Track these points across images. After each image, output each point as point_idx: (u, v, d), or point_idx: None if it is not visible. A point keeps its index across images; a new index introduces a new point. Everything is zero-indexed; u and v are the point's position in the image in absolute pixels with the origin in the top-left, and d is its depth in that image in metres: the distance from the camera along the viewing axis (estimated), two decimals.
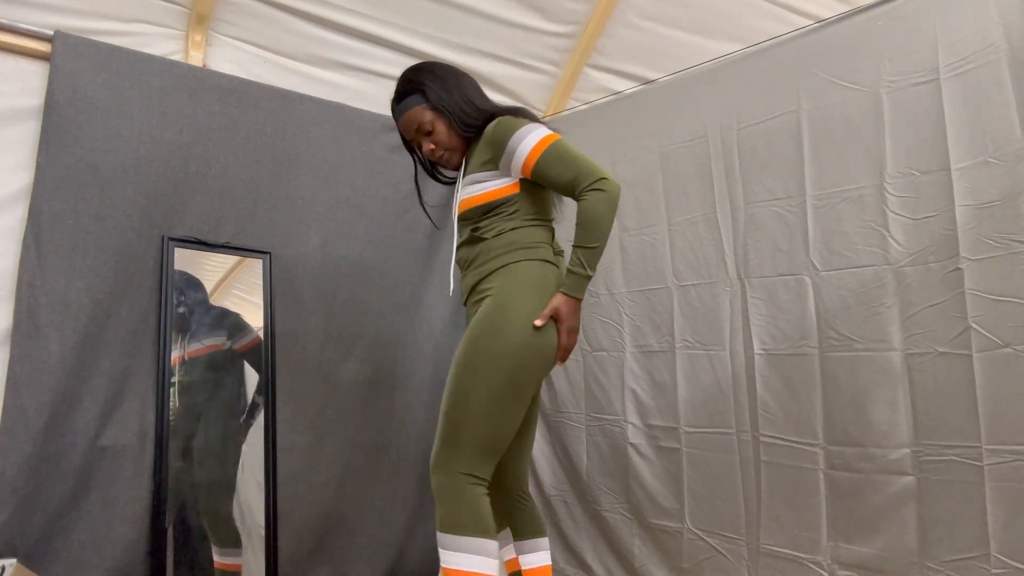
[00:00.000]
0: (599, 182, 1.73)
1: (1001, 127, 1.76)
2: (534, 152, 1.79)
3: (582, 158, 1.78)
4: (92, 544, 2.05)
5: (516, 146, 1.80)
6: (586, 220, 1.74)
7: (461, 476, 1.68)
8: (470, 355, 1.72)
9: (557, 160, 1.78)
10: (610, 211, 1.75)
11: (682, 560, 2.34)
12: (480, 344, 1.71)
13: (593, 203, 1.73)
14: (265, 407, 2.38)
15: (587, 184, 1.74)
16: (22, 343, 1.99)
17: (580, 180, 1.75)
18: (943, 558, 1.80)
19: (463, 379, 1.71)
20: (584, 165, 1.77)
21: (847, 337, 2.00)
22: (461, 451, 1.68)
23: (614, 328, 2.59)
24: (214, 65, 2.46)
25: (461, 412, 1.69)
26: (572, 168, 1.76)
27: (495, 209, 1.85)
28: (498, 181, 1.85)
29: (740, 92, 2.29)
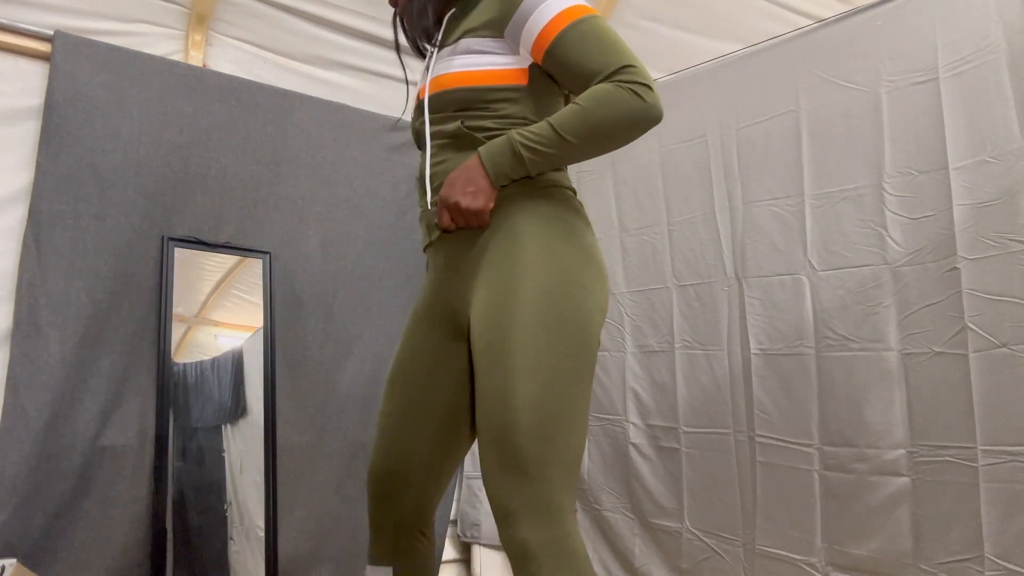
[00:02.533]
0: (641, 87, 1.21)
1: (1000, 126, 1.75)
2: (556, 22, 1.27)
3: (627, 48, 1.26)
4: (92, 544, 2.05)
5: (532, 9, 1.28)
6: (591, 106, 1.22)
7: (569, 518, 1.16)
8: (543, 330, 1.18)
9: (590, 38, 1.25)
10: (627, 124, 1.22)
11: (681, 560, 2.34)
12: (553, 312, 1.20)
13: (617, 94, 1.21)
14: (265, 407, 2.38)
15: (623, 77, 1.21)
16: (22, 343, 1.99)
17: (614, 69, 1.22)
18: (937, 560, 1.80)
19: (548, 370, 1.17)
20: (628, 55, 1.24)
21: (844, 337, 1.99)
22: (566, 481, 1.16)
23: (615, 328, 2.59)
24: (214, 65, 2.46)
25: (557, 422, 1.16)
26: (608, 54, 1.24)
27: (491, 104, 1.33)
28: (502, 58, 1.33)
29: (740, 92, 2.28)
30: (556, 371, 1.17)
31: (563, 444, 1.16)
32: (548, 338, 1.18)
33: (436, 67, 1.39)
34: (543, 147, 1.23)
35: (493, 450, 1.16)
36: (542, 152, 1.23)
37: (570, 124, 1.22)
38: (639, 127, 1.24)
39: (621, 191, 2.58)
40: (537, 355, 1.17)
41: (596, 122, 1.22)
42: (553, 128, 1.23)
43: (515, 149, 1.24)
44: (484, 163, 1.26)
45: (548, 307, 1.20)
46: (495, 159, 1.25)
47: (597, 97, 1.22)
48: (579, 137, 1.23)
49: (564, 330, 1.20)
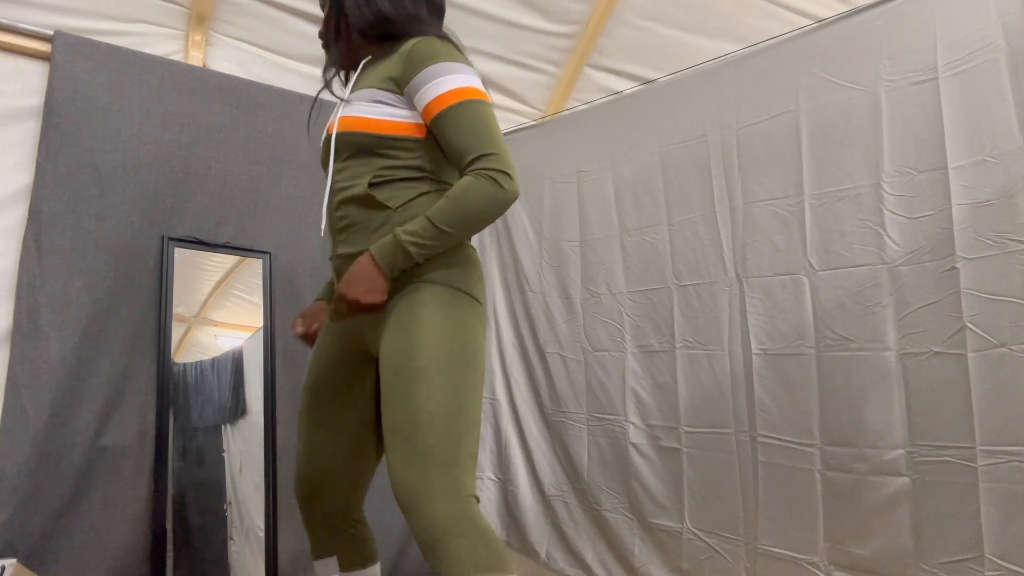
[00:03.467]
0: (500, 174, 1.38)
1: (999, 126, 1.75)
2: (448, 97, 1.42)
3: (498, 135, 1.43)
4: (92, 544, 2.06)
5: (430, 80, 1.44)
6: (461, 197, 1.39)
7: (472, 500, 1.36)
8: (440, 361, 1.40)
9: (468, 119, 1.42)
10: (490, 209, 1.41)
11: (682, 560, 2.34)
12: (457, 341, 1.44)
13: (481, 187, 1.38)
14: (265, 407, 2.38)
15: (485, 165, 1.39)
16: (22, 343, 1.99)
17: (480, 154, 1.40)
18: (937, 560, 1.80)
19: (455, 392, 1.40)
20: (495, 143, 1.41)
21: (843, 337, 1.99)
22: (470, 469, 1.38)
23: (615, 328, 2.59)
24: (214, 65, 2.46)
25: (458, 423, 1.38)
26: (479, 137, 1.41)
27: (392, 152, 1.49)
28: (401, 111, 1.48)
29: (739, 92, 2.28)
30: (455, 387, 1.39)
31: (465, 439, 1.38)
32: (445, 361, 1.40)
33: (346, 108, 1.54)
34: (426, 240, 1.40)
35: (405, 447, 1.36)
36: (426, 245, 1.40)
37: (444, 216, 1.40)
38: (499, 211, 1.43)
39: (621, 191, 2.58)
40: (439, 373, 1.39)
41: (464, 213, 1.40)
42: (431, 222, 1.39)
43: (403, 247, 1.40)
44: (378, 262, 1.42)
45: (444, 339, 1.42)
46: (387, 258, 1.41)
47: (464, 189, 1.40)
48: (453, 226, 1.40)
49: (457, 355, 1.42)
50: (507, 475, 2.86)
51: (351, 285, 1.42)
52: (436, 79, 1.44)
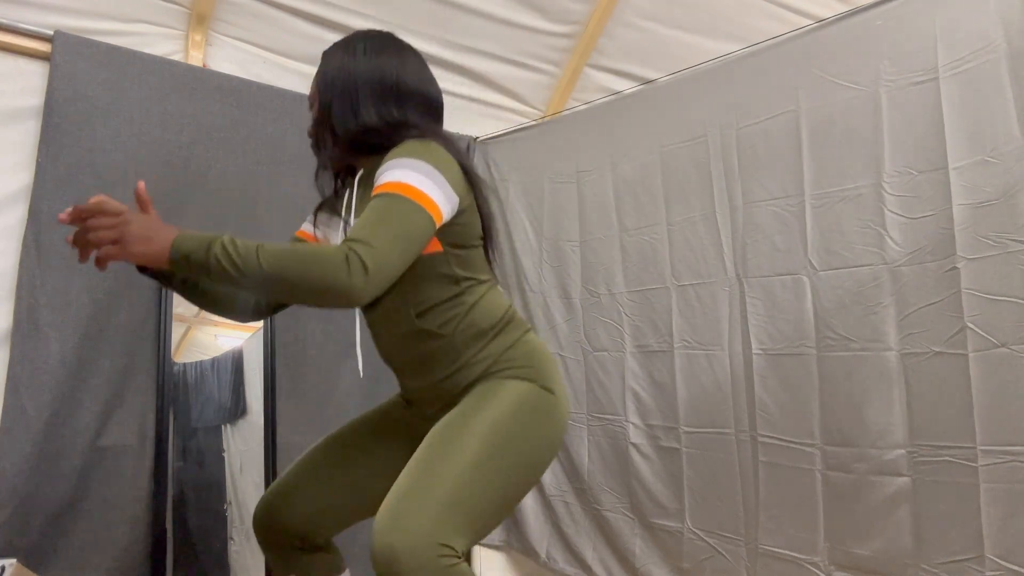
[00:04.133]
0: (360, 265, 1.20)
1: (999, 126, 1.75)
2: (380, 188, 1.32)
3: (391, 235, 1.26)
4: (92, 544, 2.06)
5: (381, 174, 1.36)
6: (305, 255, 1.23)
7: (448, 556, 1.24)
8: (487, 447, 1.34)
9: (378, 209, 1.28)
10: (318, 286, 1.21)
11: (682, 560, 2.34)
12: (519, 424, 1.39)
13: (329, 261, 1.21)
14: (265, 407, 2.38)
15: (356, 248, 1.22)
16: (22, 343, 1.99)
17: (359, 239, 1.24)
18: (937, 560, 1.79)
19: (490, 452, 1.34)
20: (383, 239, 1.25)
21: (844, 337, 1.99)
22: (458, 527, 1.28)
23: (614, 328, 2.59)
24: (214, 65, 2.46)
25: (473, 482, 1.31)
26: (372, 227, 1.26)
27: (420, 274, 1.41)
28: None
29: (740, 92, 2.28)
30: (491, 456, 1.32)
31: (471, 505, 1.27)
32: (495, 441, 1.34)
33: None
34: (235, 261, 1.21)
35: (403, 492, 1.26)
36: (231, 268, 1.22)
37: (273, 257, 1.22)
38: (328, 297, 1.24)
39: (621, 191, 2.58)
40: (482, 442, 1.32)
41: (297, 271, 1.22)
42: (258, 252, 1.22)
43: (212, 250, 1.23)
44: (174, 242, 1.25)
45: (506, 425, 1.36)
46: (186, 245, 1.25)
47: (319, 251, 1.23)
48: (272, 274, 1.21)
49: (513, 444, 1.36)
50: None
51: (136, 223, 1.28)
52: (385, 172, 1.34)
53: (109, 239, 1.27)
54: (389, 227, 1.27)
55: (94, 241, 1.29)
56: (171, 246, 1.25)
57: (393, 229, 1.27)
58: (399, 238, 1.27)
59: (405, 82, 1.51)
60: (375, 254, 1.23)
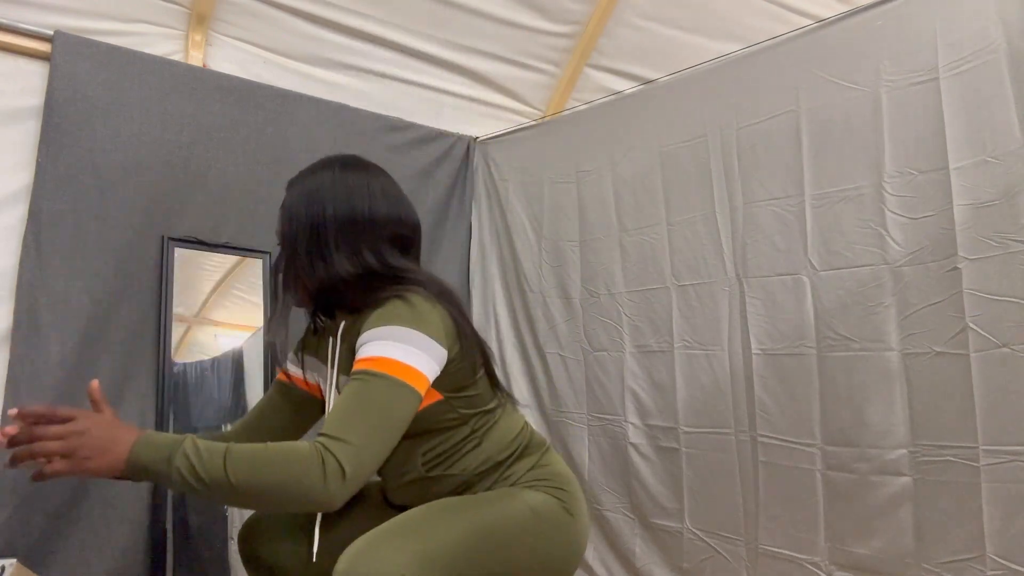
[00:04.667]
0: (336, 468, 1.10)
1: (1000, 126, 1.75)
2: (361, 363, 1.24)
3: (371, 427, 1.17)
4: (92, 544, 2.05)
5: (363, 343, 1.27)
6: (275, 460, 1.12)
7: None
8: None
9: (357, 394, 1.20)
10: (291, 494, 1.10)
11: (682, 560, 2.34)
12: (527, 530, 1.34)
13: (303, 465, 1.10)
14: None
15: (332, 447, 1.12)
16: (22, 343, 1.99)
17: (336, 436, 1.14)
18: (939, 559, 1.80)
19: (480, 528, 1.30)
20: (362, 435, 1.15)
21: (844, 337, 1.99)
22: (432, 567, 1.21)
23: (614, 328, 2.59)
24: (214, 65, 2.46)
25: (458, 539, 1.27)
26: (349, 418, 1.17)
27: (424, 426, 1.36)
28: None
29: (740, 92, 2.28)
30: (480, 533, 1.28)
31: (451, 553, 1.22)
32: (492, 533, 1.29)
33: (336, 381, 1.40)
34: (200, 474, 1.09)
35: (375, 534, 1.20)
36: (195, 482, 1.09)
37: (241, 465, 1.10)
38: (303, 505, 1.14)
39: (620, 191, 2.58)
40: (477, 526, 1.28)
41: (267, 480, 1.10)
42: (224, 461, 1.10)
43: (174, 464, 1.10)
44: (133, 449, 1.11)
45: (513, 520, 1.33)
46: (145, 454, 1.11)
47: (289, 452, 1.12)
48: (239, 483, 1.09)
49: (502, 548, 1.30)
50: None
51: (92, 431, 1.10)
52: (368, 343, 1.26)
53: (56, 451, 1.09)
54: (366, 417, 1.18)
55: (39, 452, 1.09)
56: (127, 457, 1.10)
57: (371, 418, 1.18)
58: (378, 427, 1.18)
59: (377, 217, 1.43)
60: (353, 454, 1.13)
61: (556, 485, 1.43)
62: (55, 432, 1.10)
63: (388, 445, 1.20)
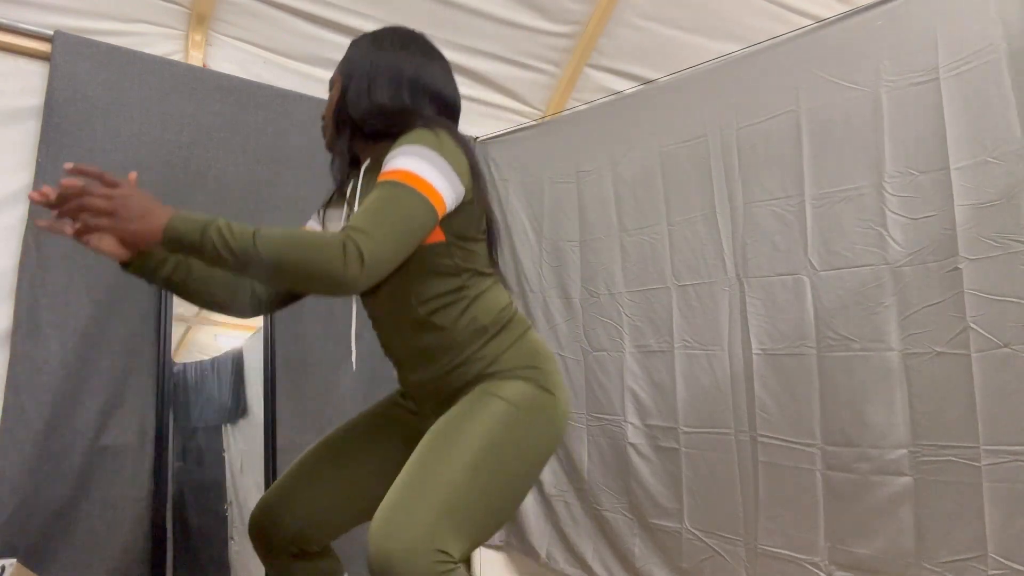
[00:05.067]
0: (356, 253, 1.20)
1: (1000, 127, 1.75)
2: (386, 175, 1.31)
3: (390, 225, 1.26)
4: (92, 544, 2.05)
5: (389, 159, 1.35)
6: (303, 241, 1.23)
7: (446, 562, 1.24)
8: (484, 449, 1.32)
9: (380, 197, 1.28)
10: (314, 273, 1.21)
11: (682, 560, 2.34)
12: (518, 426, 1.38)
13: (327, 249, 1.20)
14: (265, 407, 2.38)
15: (353, 236, 1.21)
16: (22, 343, 1.99)
17: (358, 227, 1.23)
18: (940, 559, 1.80)
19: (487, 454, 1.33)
20: (381, 228, 1.24)
21: (845, 337, 1.99)
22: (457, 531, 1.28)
23: (614, 328, 2.59)
24: (214, 65, 2.45)
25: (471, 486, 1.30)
26: (371, 216, 1.25)
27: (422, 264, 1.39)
28: None
29: (740, 92, 2.28)
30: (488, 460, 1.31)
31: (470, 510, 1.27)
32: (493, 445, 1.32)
33: None
34: (230, 245, 1.20)
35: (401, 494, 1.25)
36: (226, 252, 1.20)
37: (270, 243, 1.21)
38: (322, 286, 1.24)
39: (621, 191, 2.58)
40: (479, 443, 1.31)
41: (289, 258, 1.21)
42: (254, 237, 1.21)
43: (206, 233, 1.21)
44: (169, 221, 1.23)
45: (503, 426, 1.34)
46: (181, 226, 1.23)
47: (317, 239, 1.23)
48: (268, 260, 1.20)
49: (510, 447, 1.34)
50: None
51: (135, 197, 1.24)
52: (392, 159, 1.33)
53: (104, 209, 1.22)
54: (389, 217, 1.26)
55: (88, 207, 1.22)
56: (165, 225, 1.22)
57: (393, 219, 1.26)
58: (398, 228, 1.27)
59: (422, 78, 1.51)
60: (373, 244, 1.22)
61: (531, 364, 1.45)
62: (103, 191, 1.22)
63: (404, 249, 1.29)
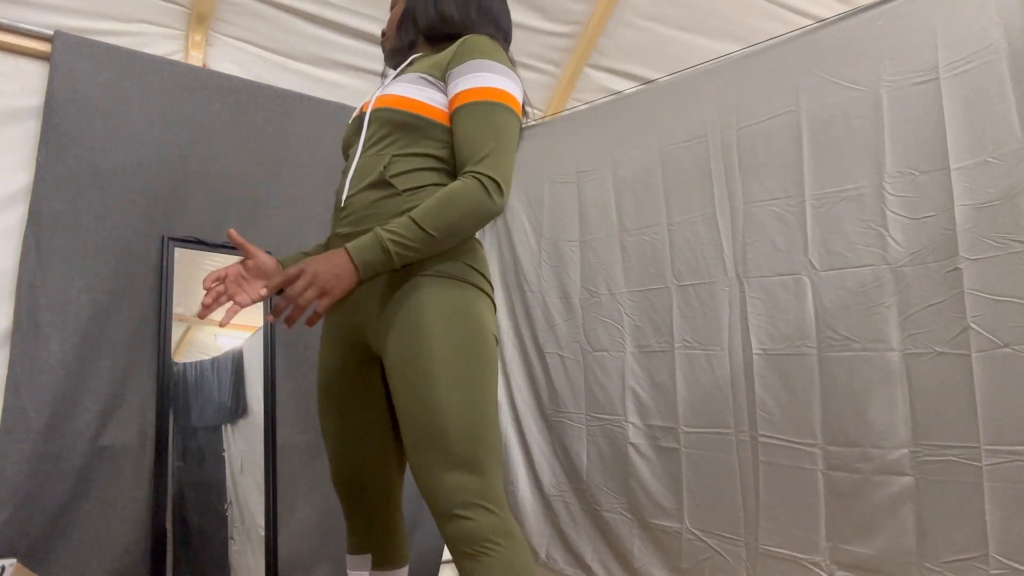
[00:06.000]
0: (492, 183, 1.37)
1: (1000, 127, 1.75)
2: (479, 92, 1.42)
3: (509, 147, 1.42)
4: (92, 544, 2.05)
5: (469, 72, 1.44)
6: (448, 200, 1.36)
7: (506, 505, 1.36)
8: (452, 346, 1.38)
9: (488, 120, 1.41)
10: (472, 219, 1.38)
11: (681, 560, 2.34)
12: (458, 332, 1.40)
13: (470, 193, 1.36)
14: (265, 407, 2.38)
15: (482, 170, 1.37)
16: (22, 343, 1.99)
17: (480, 161, 1.38)
18: (941, 559, 1.80)
19: (464, 379, 1.37)
20: (502, 152, 1.39)
21: (846, 337, 1.99)
22: (498, 473, 1.38)
23: (615, 328, 2.59)
24: (214, 65, 2.46)
25: (482, 423, 1.36)
26: (490, 142, 1.39)
27: (417, 134, 1.47)
28: (438, 95, 1.48)
29: (740, 92, 2.28)
30: (471, 379, 1.37)
31: (490, 442, 1.36)
32: (458, 352, 1.37)
33: (385, 88, 1.55)
34: (410, 243, 1.34)
35: (432, 454, 1.34)
36: (408, 246, 1.34)
37: (431, 220, 1.35)
38: (480, 223, 1.40)
39: (621, 191, 2.58)
40: (453, 367, 1.36)
41: (450, 218, 1.35)
42: (415, 223, 1.34)
43: (384, 247, 1.33)
44: (354, 259, 1.34)
45: (452, 329, 1.38)
46: (364, 256, 1.34)
47: (455, 192, 1.36)
48: (438, 230, 1.35)
49: (469, 345, 1.38)
50: (507, 475, 2.86)
51: (319, 270, 1.32)
52: (475, 72, 1.43)
53: (316, 296, 1.32)
54: (504, 138, 1.41)
55: (304, 304, 1.33)
56: (358, 267, 1.34)
57: (506, 140, 1.41)
58: (508, 149, 1.42)
59: (488, 3, 1.63)
60: (501, 168, 1.39)
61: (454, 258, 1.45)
62: (302, 285, 1.31)
63: (513, 164, 1.43)
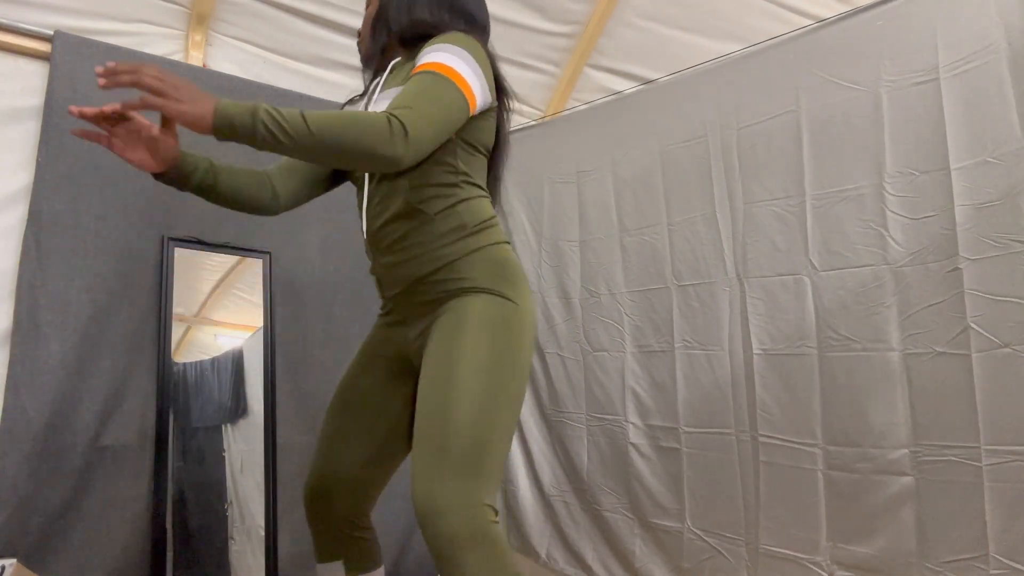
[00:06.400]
0: (400, 128, 1.28)
1: (1001, 127, 1.75)
2: (424, 66, 1.39)
3: (431, 108, 1.34)
4: (92, 544, 2.05)
5: (427, 53, 1.43)
6: (348, 116, 1.28)
7: (490, 512, 1.32)
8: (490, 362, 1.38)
9: (420, 84, 1.36)
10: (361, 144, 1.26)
11: (682, 560, 2.34)
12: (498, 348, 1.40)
13: (372, 122, 1.27)
14: (265, 407, 2.38)
15: (396, 115, 1.29)
16: (22, 343, 1.98)
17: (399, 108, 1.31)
18: (941, 559, 1.80)
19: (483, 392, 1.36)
20: (423, 115, 1.32)
21: (846, 337, 1.99)
22: (489, 479, 1.35)
23: (615, 328, 2.59)
24: (214, 65, 2.45)
25: (489, 436, 1.35)
26: (414, 101, 1.33)
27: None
28: None
29: (740, 92, 2.28)
30: (491, 396, 1.35)
31: (494, 450, 1.34)
32: (487, 372, 1.36)
33: (376, 104, 1.53)
34: (283, 123, 1.23)
35: (432, 455, 1.31)
36: (281, 127, 1.23)
37: (319, 120, 1.25)
38: (372, 159, 1.28)
39: (621, 191, 2.58)
40: (478, 382, 1.35)
41: (336, 131, 1.25)
42: (302, 116, 1.24)
43: (255, 112, 1.23)
44: (217, 104, 1.24)
45: (487, 337, 1.39)
46: (229, 108, 1.23)
47: (360, 115, 1.28)
48: (319, 132, 1.24)
49: (498, 371, 1.37)
50: (507, 475, 2.86)
51: (185, 83, 1.25)
52: (430, 52, 1.42)
53: (158, 89, 1.23)
54: (430, 101, 1.34)
55: (142, 84, 1.23)
56: (215, 111, 1.23)
57: (433, 104, 1.35)
58: (438, 114, 1.35)
59: (461, 1, 1.61)
60: (416, 121, 1.30)
61: (496, 273, 1.48)
62: (156, 73, 1.23)
63: (441, 134, 1.37)
